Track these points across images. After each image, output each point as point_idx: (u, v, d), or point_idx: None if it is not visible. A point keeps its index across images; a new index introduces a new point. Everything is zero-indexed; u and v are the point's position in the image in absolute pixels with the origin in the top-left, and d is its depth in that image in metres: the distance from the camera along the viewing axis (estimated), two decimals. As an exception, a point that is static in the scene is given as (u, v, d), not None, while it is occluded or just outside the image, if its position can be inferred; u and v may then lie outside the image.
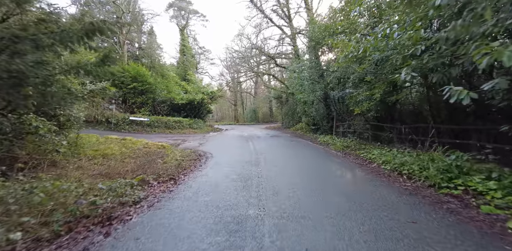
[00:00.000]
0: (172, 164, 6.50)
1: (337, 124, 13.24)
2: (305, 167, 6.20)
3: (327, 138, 11.42)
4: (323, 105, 15.83)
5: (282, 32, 18.16)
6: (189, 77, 26.61)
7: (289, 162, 6.85)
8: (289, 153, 8.77)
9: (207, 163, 7.01)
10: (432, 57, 3.46)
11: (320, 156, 7.83)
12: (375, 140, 9.56)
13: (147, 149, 9.36)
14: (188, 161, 7.23)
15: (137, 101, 19.30)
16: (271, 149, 9.76)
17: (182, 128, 20.57)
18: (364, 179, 4.79)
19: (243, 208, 3.28)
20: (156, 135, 16.71)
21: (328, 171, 5.68)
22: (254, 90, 48.55)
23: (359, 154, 7.35)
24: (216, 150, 9.50)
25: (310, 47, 11.33)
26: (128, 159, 6.87)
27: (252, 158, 7.57)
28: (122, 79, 18.16)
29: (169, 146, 10.41)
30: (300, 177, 5.06)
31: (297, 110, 20.08)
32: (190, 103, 22.71)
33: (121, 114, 17.36)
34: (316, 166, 6.41)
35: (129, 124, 17.13)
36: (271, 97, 30.40)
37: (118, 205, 3.09)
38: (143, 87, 18.98)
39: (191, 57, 29.14)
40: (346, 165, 6.22)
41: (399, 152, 6.11)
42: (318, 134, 15.92)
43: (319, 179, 4.82)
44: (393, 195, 3.74)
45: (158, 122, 18.80)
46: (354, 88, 8.56)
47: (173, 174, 5.30)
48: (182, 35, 28.53)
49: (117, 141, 10.39)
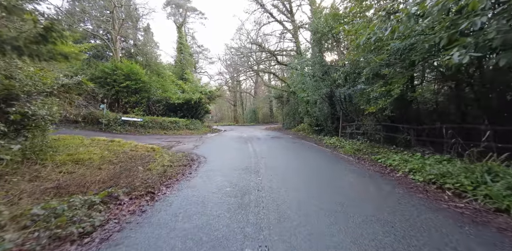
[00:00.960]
0: (156, 171, 5.51)
1: (343, 125, 12.25)
2: (314, 177, 5.17)
3: (334, 140, 10.43)
4: (327, 104, 14.84)
5: (283, 27, 17.24)
6: (187, 76, 25.62)
7: (294, 169, 5.84)
8: (293, 157, 7.77)
9: (198, 169, 6.01)
10: (501, 29, 2.49)
11: (330, 162, 6.81)
12: (389, 143, 8.57)
13: (134, 152, 8.36)
14: (176, 167, 6.25)
15: (131, 100, 18.31)
16: (272, 152, 8.77)
17: (178, 129, 19.58)
18: (394, 195, 3.71)
19: (236, 244, 2.28)
20: (150, 136, 15.73)
21: (345, 183, 4.61)
22: (254, 90, 47.58)
23: (375, 160, 6.35)
24: (212, 154, 8.52)
25: (315, 40, 10.37)
26: (106, 165, 5.88)
27: (251, 163, 6.58)
28: (114, 77, 17.18)
29: (160, 149, 9.43)
30: (310, 191, 4.05)
31: (299, 110, 19.10)
32: (187, 102, 21.72)
33: (113, 114, 16.37)
34: (328, 174, 5.37)
35: (121, 124, 16.14)
36: (272, 96, 29.41)
37: (50, 244, 2.09)
38: (136, 85, 17.99)
39: (189, 55, 28.18)
40: (365, 174, 5.18)
41: (425, 158, 5.11)
42: (322, 135, 14.94)
43: (335, 194, 3.81)
44: (449, 224, 2.66)
45: (152, 123, 17.81)
46: (367, 84, 7.58)
47: (153, 185, 4.30)
48: (180, 33, 27.58)
49: (103, 143, 9.43)
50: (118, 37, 16.90)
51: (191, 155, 8.39)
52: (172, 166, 6.38)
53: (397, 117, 7.85)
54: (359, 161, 6.43)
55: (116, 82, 17.29)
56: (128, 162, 6.64)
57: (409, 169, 4.67)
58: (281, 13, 17.25)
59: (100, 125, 15.41)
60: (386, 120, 8.88)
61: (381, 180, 4.66)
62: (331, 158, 7.39)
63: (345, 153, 7.94)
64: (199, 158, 7.88)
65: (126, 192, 3.72)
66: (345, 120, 12.35)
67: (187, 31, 34.31)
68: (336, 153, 8.12)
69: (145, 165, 6.28)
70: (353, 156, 7.37)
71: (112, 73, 17.15)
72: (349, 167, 5.85)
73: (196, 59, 38.57)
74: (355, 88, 9.02)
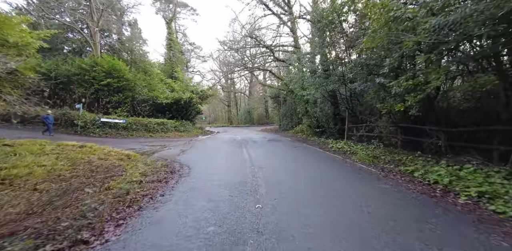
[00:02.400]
0: (115, 193, 3.97)
1: (349, 127, 10.90)
2: (338, 204, 3.46)
3: (341, 144, 9.05)
4: (330, 104, 13.50)
5: (280, 20, 15.82)
6: (177, 75, 23.94)
7: (305, 189, 4.35)
8: (299, 168, 6.30)
9: (176, 188, 4.50)
10: None
11: (350, 176, 5.21)
12: (409, 148, 7.23)
13: (102, 161, 6.77)
14: (148, 184, 4.72)
15: (113, 100, 16.56)
16: (271, 159, 7.31)
17: (166, 131, 17.92)
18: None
19: None
20: (133, 139, 14.06)
21: (397, 224, 2.79)
22: (248, 90, 46.12)
23: (406, 172, 4.95)
24: (199, 162, 7.03)
25: (318, 29, 8.96)
26: (48, 184, 4.29)
27: (247, 176, 5.11)
28: (93, 74, 15.44)
29: (137, 156, 7.85)
30: (341, 235, 2.59)
31: (297, 111, 17.74)
32: (177, 102, 20.06)
33: (92, 114, 14.62)
34: (356, 201, 3.58)
35: (100, 126, 14.41)
36: (267, 96, 27.98)
37: None
38: (119, 84, 16.28)
39: (179, 53, 26.52)
40: (409, 199, 3.63)
41: (483, 172, 3.72)
42: (324, 138, 13.58)
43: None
44: None
45: (136, 125, 16.12)
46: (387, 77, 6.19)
47: (94, 224, 2.77)
48: (169, 29, 25.90)
49: (70, 150, 7.81)
50: (96, 29, 15.17)
51: (174, 164, 6.87)
52: (142, 183, 4.85)
53: (421, 117, 6.50)
54: (387, 175, 4.99)
55: (96, 80, 15.55)
56: (85, 177, 5.07)
57: (476, 192, 3.25)
58: (277, 5, 15.88)
59: (75, 127, 13.65)
60: (405, 121, 7.55)
61: (441, 212, 3.12)
62: (348, 170, 5.88)
63: (362, 161, 6.54)
64: (182, 168, 6.36)
65: (24, 249, 2.14)
66: (351, 121, 11.01)
67: (178, 28, 32.67)
68: (351, 162, 6.68)
69: (105, 182, 4.73)
70: (374, 166, 5.96)
71: (91, 69, 15.41)
72: (380, 186, 4.31)
73: (188, 57, 36.89)
74: (367, 84, 7.66)
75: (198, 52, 36.86)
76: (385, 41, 5.08)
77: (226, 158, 7.75)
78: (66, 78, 15.12)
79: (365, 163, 6.28)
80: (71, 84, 15.45)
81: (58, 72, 14.86)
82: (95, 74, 15.39)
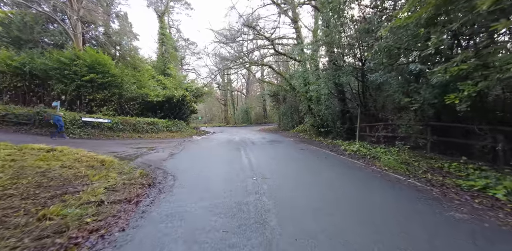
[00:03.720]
0: (44, 227, 2.58)
1: (363, 126, 9.61)
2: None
3: (356, 147, 7.74)
4: (337, 101, 12.22)
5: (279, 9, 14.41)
6: (170, 71, 22.43)
7: (336, 218, 2.99)
8: (314, 179, 4.91)
9: (146, 216, 3.13)
10: None
11: (389, 194, 3.81)
12: (445, 152, 5.95)
13: (64, 170, 5.34)
14: (109, 207, 3.37)
15: (97, 97, 15.04)
16: (276, 166, 5.96)
17: (156, 131, 16.46)
18: None
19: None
20: (118, 141, 12.59)
21: None
22: (245, 89, 44.71)
23: (473, 189, 3.63)
24: (188, 169, 5.68)
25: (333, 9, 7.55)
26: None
27: (249, 193, 3.77)
28: (74, 68, 13.89)
29: (115, 161, 6.47)
30: None
31: (299, 109, 16.42)
32: (169, 101, 18.58)
33: (72, 113, 13.10)
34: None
35: (81, 127, 12.91)
36: (266, 94, 26.60)
37: None
38: (104, 79, 14.75)
39: (172, 48, 24.99)
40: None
41: None
42: (330, 138, 12.28)
43: None
44: None
45: (123, 124, 14.64)
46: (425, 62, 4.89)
47: None
48: (161, 23, 24.35)
49: (33, 154, 6.38)
50: (75, 17, 13.60)
51: (156, 173, 5.51)
52: (103, 204, 3.47)
53: (467, 113, 5.21)
54: (445, 193, 3.59)
55: (77, 75, 14.00)
56: (22, 196, 3.64)
57: None
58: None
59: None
60: (438, 119, 6.27)
61: None
62: (382, 183, 4.42)
63: (392, 169, 5.21)
64: (166, 178, 5.00)
65: None
66: (364, 120, 9.72)
67: (172, 23, 31.10)
68: (378, 171, 5.29)
69: (47, 205, 3.34)
70: (413, 177, 4.64)
71: (71, 63, 13.85)
72: (451, 216, 2.87)
73: (182, 54, 35.34)
74: (391, 74, 6.34)
75: (193, 48, 35.35)
76: (431, 9, 3.75)
77: (221, 164, 6.39)
78: (43, 73, 13.56)
79: (398, 172, 4.96)
80: (49, 80, 13.90)
81: (33, 66, 13.30)
82: (76, 68, 13.85)
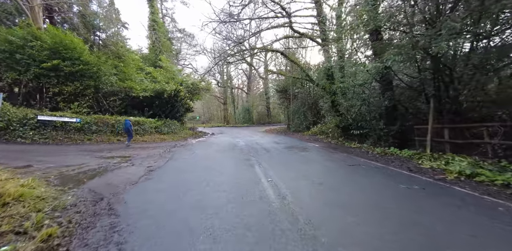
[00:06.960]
0: None
1: (437, 127, 6.45)
2: None
3: (464, 165, 4.60)
4: (379, 92, 9.08)
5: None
6: (161, 63, 19.21)
7: None
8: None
9: None
10: None
11: None
12: None
13: None
14: None
15: (65, 90, 11.79)
16: (342, 211, 2.80)
17: (142, 133, 13.25)
18: None
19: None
20: (85, 147, 9.38)
21: None
22: (247, 86, 41.49)
23: None
24: (165, 210, 2.43)
25: None
26: None
27: None
28: (29, 51, 10.65)
29: (36, 193, 3.23)
30: None
31: (319, 105, 13.27)
32: (158, 96, 15.40)
33: (25, 110, 9.87)
34: None
35: (36, 128, 9.69)
36: (273, 89, 23.36)
37: None
38: (73, 68, 11.52)
39: (164, 37, 21.80)
40: None
41: None
42: (369, 144, 9.12)
43: None
44: None
45: (98, 125, 11.42)
46: None
47: None
48: (152, 7, 21.13)
49: None
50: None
51: (95, 224, 2.29)
52: None
53: None
54: None
55: (35, 61, 10.77)
56: None
57: None
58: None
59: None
60: None
61: None
62: None
63: None
64: None
65: None
66: (437, 119, 6.57)
67: (166, 11, 27.87)
68: None
69: None
70: None
71: (26, 45, 10.62)
72: None
73: (178, 48, 32.09)
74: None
75: (189, 40, 32.09)
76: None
77: (226, 196, 3.21)
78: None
79: None
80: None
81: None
82: (33, 51, 10.60)
